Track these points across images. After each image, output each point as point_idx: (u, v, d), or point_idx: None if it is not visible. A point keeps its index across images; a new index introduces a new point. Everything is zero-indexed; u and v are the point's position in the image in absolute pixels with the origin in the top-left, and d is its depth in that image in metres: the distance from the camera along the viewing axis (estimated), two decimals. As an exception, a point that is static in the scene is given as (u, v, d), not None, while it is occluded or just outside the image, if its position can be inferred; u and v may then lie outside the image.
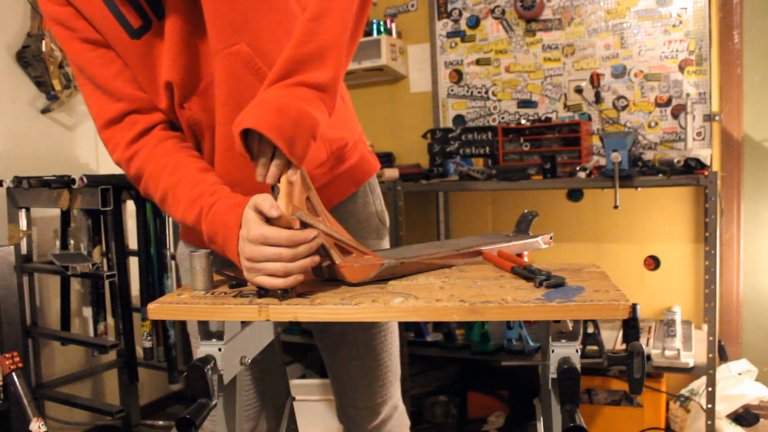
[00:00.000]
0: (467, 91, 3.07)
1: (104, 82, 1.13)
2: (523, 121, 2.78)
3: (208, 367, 0.89)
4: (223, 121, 1.10)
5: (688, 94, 2.64)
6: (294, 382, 2.56)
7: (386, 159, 3.00)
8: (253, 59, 1.08)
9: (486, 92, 3.03)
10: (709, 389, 2.20)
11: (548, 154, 2.50)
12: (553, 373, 0.88)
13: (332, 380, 1.38)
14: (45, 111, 2.54)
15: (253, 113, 0.93)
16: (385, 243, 1.33)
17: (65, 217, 2.38)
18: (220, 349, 0.92)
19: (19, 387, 1.86)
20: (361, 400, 1.34)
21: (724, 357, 2.64)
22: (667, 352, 2.28)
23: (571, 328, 0.91)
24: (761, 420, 2.42)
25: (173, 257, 2.43)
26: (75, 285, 2.58)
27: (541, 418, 1.05)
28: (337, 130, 1.21)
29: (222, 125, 1.11)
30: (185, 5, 1.08)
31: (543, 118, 2.91)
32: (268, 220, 0.94)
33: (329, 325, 1.31)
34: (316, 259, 0.96)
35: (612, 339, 2.48)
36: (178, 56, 1.09)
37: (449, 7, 3.06)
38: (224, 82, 1.09)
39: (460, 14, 3.04)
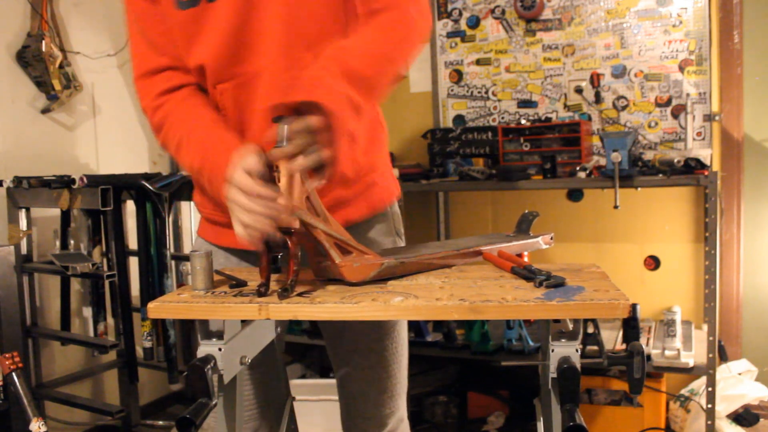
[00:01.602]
0: (467, 91, 3.07)
1: (153, 36, 1.18)
2: (523, 121, 2.78)
3: (208, 367, 0.89)
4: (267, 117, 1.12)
5: (688, 94, 2.64)
6: (294, 382, 2.55)
7: (386, 159, 2.99)
8: None
9: (486, 92, 3.03)
10: (709, 389, 2.20)
11: (548, 154, 2.50)
12: (553, 373, 0.88)
13: (341, 388, 1.37)
14: (45, 111, 2.54)
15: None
16: None
17: (65, 217, 2.38)
18: (220, 349, 0.92)
19: (19, 387, 1.86)
20: (370, 410, 1.34)
21: (724, 357, 2.64)
22: (667, 352, 2.28)
23: (571, 328, 0.91)
24: (761, 420, 2.42)
25: (173, 257, 2.43)
26: (75, 285, 2.58)
27: (541, 418, 1.05)
28: (369, 156, 1.25)
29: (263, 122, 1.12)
30: None
31: (543, 118, 2.91)
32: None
33: (342, 332, 1.31)
34: (278, 224, 0.95)
35: (612, 339, 2.48)
36: (220, 43, 1.13)
37: (449, 7, 3.06)
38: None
39: (460, 14, 3.04)
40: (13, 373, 1.87)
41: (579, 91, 2.84)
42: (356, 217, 1.24)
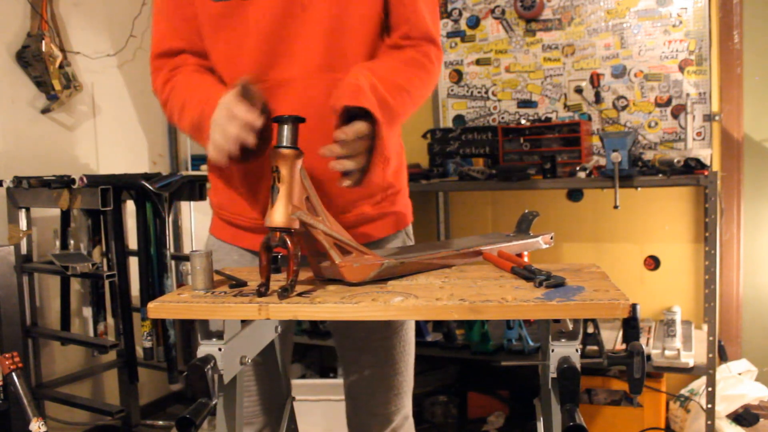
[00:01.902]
0: (467, 91, 3.07)
1: (176, 21, 1.18)
2: (523, 121, 2.78)
3: (208, 367, 0.89)
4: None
5: (688, 94, 2.64)
6: (294, 382, 2.55)
7: (386, 159, 2.99)
8: None
9: (486, 92, 3.03)
10: (709, 389, 2.20)
11: (548, 154, 2.50)
12: (552, 373, 0.88)
13: (348, 385, 1.38)
14: (45, 111, 2.54)
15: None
16: None
17: (65, 217, 2.38)
18: (220, 349, 0.92)
19: (19, 387, 1.86)
20: (376, 407, 1.35)
21: (724, 357, 2.64)
22: (667, 352, 2.28)
23: (570, 328, 0.91)
24: (761, 420, 2.42)
25: (173, 257, 2.43)
26: (75, 285, 2.58)
27: (541, 418, 1.05)
28: (397, 177, 1.29)
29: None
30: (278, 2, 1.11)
31: (543, 118, 2.91)
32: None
33: (351, 330, 1.32)
34: (243, 140, 0.97)
35: (612, 339, 2.48)
36: (253, 44, 1.13)
37: (449, 7, 3.06)
38: (321, 99, 1.12)
39: (460, 14, 3.04)
40: (13, 373, 1.87)
41: (579, 91, 2.84)
42: (378, 235, 1.27)
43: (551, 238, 1.28)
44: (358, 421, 1.38)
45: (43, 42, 2.44)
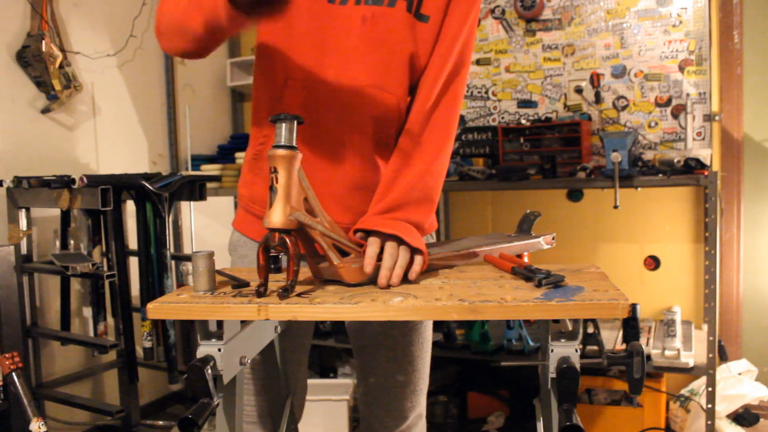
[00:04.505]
0: (467, 91, 3.06)
1: None
2: (523, 121, 2.78)
3: (208, 367, 0.89)
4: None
5: (688, 94, 2.64)
6: (294, 382, 2.55)
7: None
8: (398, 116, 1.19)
9: (486, 92, 3.03)
10: (709, 389, 2.20)
11: (548, 154, 2.50)
12: (552, 373, 0.88)
13: (363, 381, 1.37)
14: (45, 111, 2.54)
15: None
16: None
17: (65, 217, 2.38)
18: (219, 350, 0.93)
19: (19, 387, 1.86)
20: (392, 403, 1.34)
21: (724, 357, 2.64)
22: (667, 352, 2.28)
23: (570, 328, 0.91)
24: (761, 420, 2.42)
25: (173, 257, 2.43)
26: (75, 285, 2.58)
27: (541, 418, 1.05)
28: None
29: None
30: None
31: (543, 118, 2.91)
32: None
33: (367, 325, 1.32)
34: None
35: (612, 339, 2.48)
36: (304, 40, 1.14)
37: (449, 7, 3.05)
38: (363, 110, 1.15)
39: (460, 14, 3.04)
40: (13, 373, 1.87)
41: (579, 91, 2.84)
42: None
43: (553, 238, 1.28)
44: (373, 417, 1.37)
45: (43, 42, 2.44)
